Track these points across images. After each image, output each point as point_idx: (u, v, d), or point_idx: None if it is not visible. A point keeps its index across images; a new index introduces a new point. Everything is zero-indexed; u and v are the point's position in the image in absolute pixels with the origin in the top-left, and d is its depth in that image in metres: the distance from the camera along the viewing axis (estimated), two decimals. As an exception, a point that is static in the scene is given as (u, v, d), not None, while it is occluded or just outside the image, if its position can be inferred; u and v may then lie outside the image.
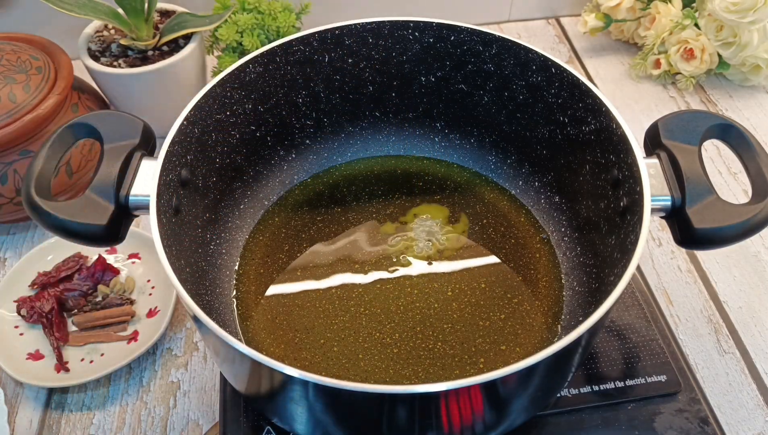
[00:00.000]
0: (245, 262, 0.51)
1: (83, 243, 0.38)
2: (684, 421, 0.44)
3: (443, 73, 0.53)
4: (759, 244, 0.61)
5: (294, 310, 0.48)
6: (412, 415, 0.34)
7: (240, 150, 0.50)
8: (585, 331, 0.32)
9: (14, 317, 0.54)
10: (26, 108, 0.56)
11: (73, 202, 0.38)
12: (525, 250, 0.51)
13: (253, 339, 0.47)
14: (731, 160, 0.68)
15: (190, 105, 0.43)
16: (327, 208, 0.54)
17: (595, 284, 0.45)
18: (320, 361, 0.45)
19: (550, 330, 0.47)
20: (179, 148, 0.42)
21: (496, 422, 0.38)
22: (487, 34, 0.49)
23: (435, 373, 0.44)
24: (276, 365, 0.31)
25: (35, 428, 0.50)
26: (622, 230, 0.41)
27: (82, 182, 0.61)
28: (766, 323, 0.56)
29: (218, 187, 0.49)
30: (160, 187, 0.39)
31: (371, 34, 0.51)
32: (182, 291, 0.34)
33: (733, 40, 0.71)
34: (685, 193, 0.38)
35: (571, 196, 0.50)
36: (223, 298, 0.48)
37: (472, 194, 0.55)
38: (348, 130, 0.57)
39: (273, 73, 0.49)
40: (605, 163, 0.44)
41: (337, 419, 0.36)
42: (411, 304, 0.48)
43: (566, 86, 0.46)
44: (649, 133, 0.42)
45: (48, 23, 0.72)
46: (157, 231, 0.36)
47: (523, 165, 0.54)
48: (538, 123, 0.51)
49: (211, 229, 0.48)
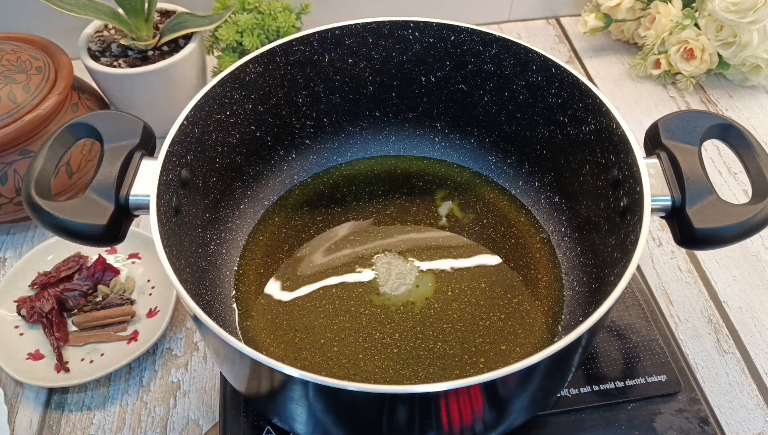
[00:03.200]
0: (245, 262, 0.51)
1: (83, 243, 0.38)
2: (684, 421, 0.44)
3: (443, 73, 0.53)
4: (759, 244, 0.61)
5: (294, 310, 0.48)
6: (412, 415, 0.34)
7: (240, 150, 0.50)
8: (585, 331, 0.32)
9: (14, 317, 0.54)
10: (26, 108, 0.56)
11: (73, 202, 0.38)
12: (525, 250, 0.51)
13: (253, 339, 0.47)
14: (731, 160, 0.68)
15: (190, 105, 0.43)
16: (327, 208, 0.54)
17: (595, 284, 0.45)
18: (320, 361, 0.45)
19: (550, 330, 0.47)
20: (179, 148, 0.42)
21: (497, 422, 0.38)
22: (487, 34, 0.49)
23: (435, 373, 0.44)
24: (276, 365, 0.31)
25: (35, 428, 0.50)
26: (622, 230, 0.41)
27: (82, 182, 0.61)
28: (766, 323, 0.56)
29: (218, 187, 0.49)
30: (160, 187, 0.39)
31: (371, 34, 0.51)
32: (182, 291, 0.34)
33: (733, 40, 0.71)
34: (685, 193, 0.38)
35: (571, 196, 0.50)
36: (223, 298, 0.48)
37: (472, 194, 0.55)
38: (348, 130, 0.57)
39: (273, 73, 0.49)
40: (605, 163, 0.44)
41: (337, 419, 0.36)
42: (411, 304, 0.48)
43: (566, 86, 0.46)
44: (649, 133, 0.42)
45: (48, 23, 0.72)
46: (157, 231, 0.36)
47: (523, 165, 0.54)
48: (538, 123, 0.51)
49: (211, 229, 0.48)
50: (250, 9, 0.68)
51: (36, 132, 0.57)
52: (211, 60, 0.73)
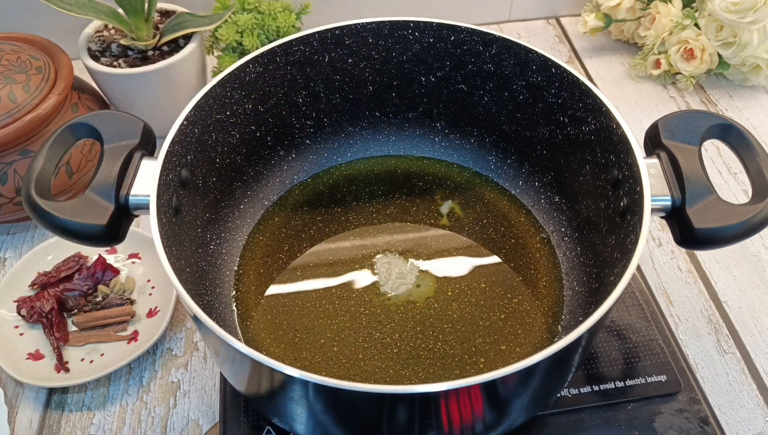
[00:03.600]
0: (245, 262, 0.51)
1: (83, 243, 0.38)
2: (684, 421, 0.44)
3: (443, 73, 0.53)
4: (759, 244, 0.61)
5: (294, 310, 0.48)
6: (412, 415, 0.34)
7: (240, 150, 0.50)
8: (585, 331, 0.32)
9: (14, 317, 0.54)
10: (26, 108, 0.56)
11: (73, 202, 0.38)
12: (525, 250, 0.51)
13: (253, 339, 0.47)
14: (731, 160, 0.68)
15: (190, 105, 0.43)
16: (327, 208, 0.54)
17: (595, 284, 0.45)
18: (320, 361, 0.45)
19: (550, 330, 0.47)
20: (179, 148, 0.42)
21: (497, 422, 0.38)
22: (487, 34, 0.49)
23: (435, 373, 0.44)
24: (276, 365, 0.31)
25: (35, 428, 0.50)
26: (622, 230, 0.41)
27: (82, 182, 0.61)
28: (766, 323, 0.56)
29: (218, 187, 0.49)
30: (160, 187, 0.39)
31: (371, 34, 0.51)
32: (182, 291, 0.34)
33: (733, 40, 0.71)
34: (685, 193, 0.38)
35: (571, 196, 0.50)
36: (223, 298, 0.48)
37: (472, 194, 0.55)
38: (348, 130, 0.57)
39: (273, 73, 0.49)
40: (605, 163, 0.44)
41: (337, 419, 0.36)
42: (411, 303, 0.48)
43: (566, 86, 0.46)
44: (649, 133, 0.42)
45: (48, 23, 0.72)
46: (157, 231, 0.36)
47: (523, 165, 0.54)
48: (538, 123, 0.51)
49: (211, 229, 0.48)
50: (250, 9, 0.68)
51: (36, 132, 0.57)
52: (211, 60, 0.73)
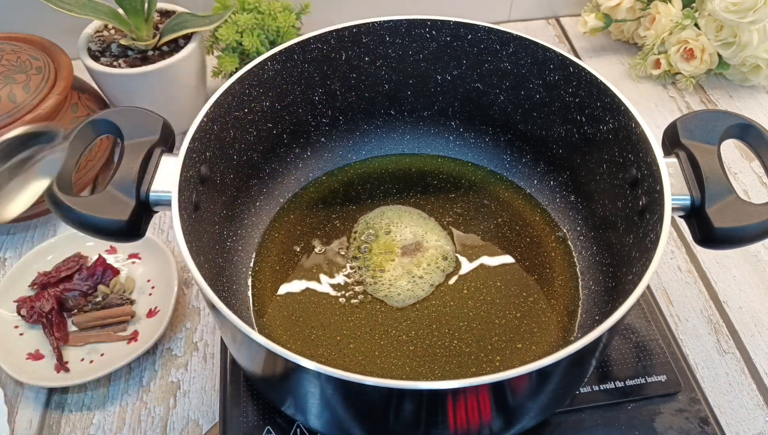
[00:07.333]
0: (261, 258, 0.51)
1: (105, 238, 0.38)
2: (684, 421, 0.44)
3: (459, 71, 0.53)
4: (759, 244, 0.61)
5: (310, 307, 0.48)
6: (429, 412, 0.34)
7: (257, 147, 0.50)
8: (607, 329, 0.32)
9: (14, 317, 0.54)
10: (26, 108, 0.56)
11: (95, 198, 0.38)
12: (540, 249, 0.51)
13: (269, 335, 0.47)
14: (731, 161, 0.68)
15: (210, 102, 0.43)
16: (341, 206, 0.54)
17: (612, 283, 0.45)
18: (336, 358, 0.45)
19: (566, 329, 0.47)
20: (199, 145, 0.42)
21: (515, 419, 0.38)
22: (504, 33, 0.49)
23: (451, 370, 0.44)
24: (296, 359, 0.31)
25: (35, 428, 0.50)
26: (641, 229, 0.41)
27: (84, 180, 0.61)
28: (766, 323, 0.55)
29: (235, 184, 0.49)
30: (182, 183, 0.39)
31: (388, 32, 0.51)
32: (205, 287, 0.34)
33: (733, 40, 0.71)
34: (704, 192, 0.38)
35: (588, 194, 0.50)
36: (239, 294, 0.48)
37: (486, 193, 0.55)
38: (363, 128, 0.57)
39: (291, 71, 0.50)
40: (623, 162, 0.44)
41: (347, 412, 0.37)
42: (426, 301, 0.48)
43: (584, 85, 0.46)
44: (668, 133, 0.43)
45: (48, 23, 0.70)
46: (180, 227, 0.37)
47: (539, 164, 0.54)
48: (554, 122, 0.51)
49: (227, 225, 0.48)
50: (250, 9, 0.68)
51: (35, 132, 0.57)
52: (211, 60, 0.72)
